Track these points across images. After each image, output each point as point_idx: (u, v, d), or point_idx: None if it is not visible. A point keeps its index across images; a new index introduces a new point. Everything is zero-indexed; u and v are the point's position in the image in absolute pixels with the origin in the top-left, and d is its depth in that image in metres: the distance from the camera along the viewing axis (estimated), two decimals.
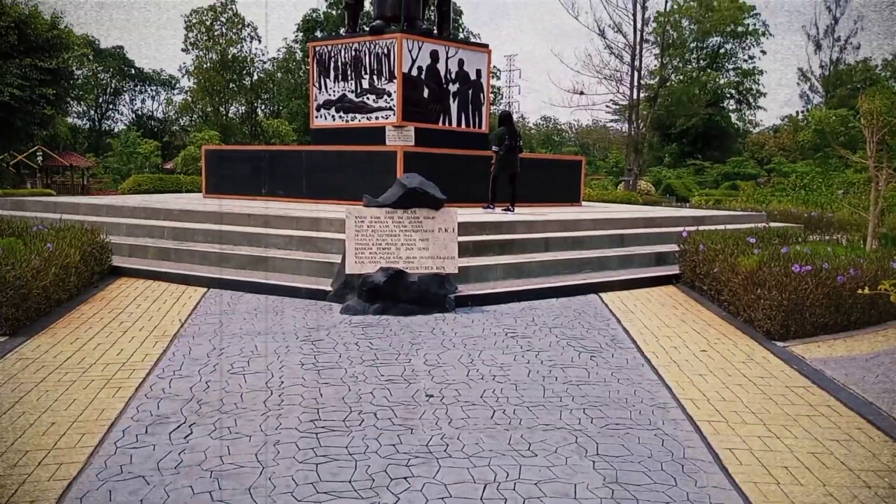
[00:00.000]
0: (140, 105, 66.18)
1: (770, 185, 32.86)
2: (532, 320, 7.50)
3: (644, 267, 10.43)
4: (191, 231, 10.75)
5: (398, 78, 14.34)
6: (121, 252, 10.24)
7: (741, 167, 44.95)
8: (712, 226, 12.37)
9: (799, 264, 7.13)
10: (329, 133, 15.44)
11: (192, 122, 57.13)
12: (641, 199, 24.74)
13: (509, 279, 9.12)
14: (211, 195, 15.58)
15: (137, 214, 12.24)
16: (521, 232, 10.81)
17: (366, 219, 7.91)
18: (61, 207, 13.32)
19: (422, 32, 14.97)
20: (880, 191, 9.66)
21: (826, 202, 19.31)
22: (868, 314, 7.20)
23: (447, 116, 15.32)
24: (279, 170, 14.80)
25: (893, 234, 10.75)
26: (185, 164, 36.52)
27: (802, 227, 13.21)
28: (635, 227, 12.39)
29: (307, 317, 7.49)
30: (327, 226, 10.22)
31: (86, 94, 52.90)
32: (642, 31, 31.00)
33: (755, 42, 53.92)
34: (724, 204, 22.07)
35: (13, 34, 27.57)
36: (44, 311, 7.20)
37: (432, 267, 7.91)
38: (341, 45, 15.35)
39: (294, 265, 9.15)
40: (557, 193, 16.02)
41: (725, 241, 9.06)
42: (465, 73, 15.60)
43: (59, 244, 8.08)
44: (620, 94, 31.92)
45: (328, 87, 15.54)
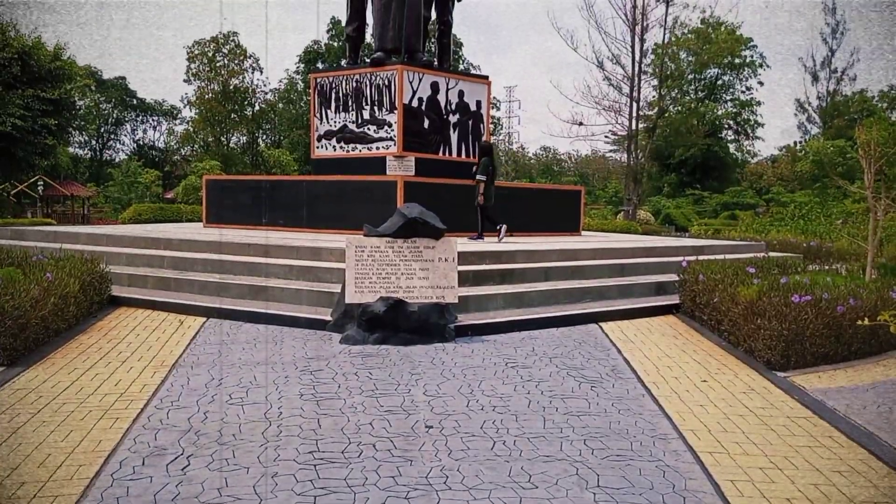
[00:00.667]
0: (141, 135, 66.66)
1: (769, 214, 32.96)
2: (532, 350, 7.48)
3: (644, 296, 10.42)
4: (190, 261, 10.76)
5: (399, 109, 14.47)
6: (120, 282, 10.24)
7: (740, 197, 45.15)
8: (712, 255, 12.38)
9: (799, 294, 7.13)
10: (330, 163, 15.54)
11: (194, 151, 57.50)
12: (641, 229, 24.80)
13: (509, 309, 9.11)
14: (211, 225, 15.62)
15: (137, 244, 12.25)
16: (522, 261, 10.82)
17: (366, 248, 7.93)
18: (61, 237, 13.34)
19: (422, 64, 15.14)
20: (878, 220, 9.70)
21: (825, 232, 19.36)
22: (869, 344, 7.19)
23: (447, 147, 15.43)
24: (280, 199, 14.86)
25: (892, 264, 10.77)
26: (186, 193, 36.68)
27: (802, 257, 13.23)
28: (635, 256, 12.40)
29: (306, 347, 7.47)
30: (327, 255, 10.24)
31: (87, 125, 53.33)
32: (640, 63, 31.36)
33: (752, 74, 54.54)
34: (724, 233, 22.12)
35: (16, 65, 27.89)
36: (42, 340, 7.18)
37: (432, 296, 7.91)
38: (342, 76, 15.52)
39: (294, 295, 9.15)
40: (557, 223, 16.08)
41: (725, 271, 9.07)
42: (465, 104, 15.74)
43: (58, 274, 8.08)
44: (619, 124, 32.19)
45: (329, 118, 15.67)
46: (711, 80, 53.55)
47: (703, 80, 52.76)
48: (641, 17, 30.55)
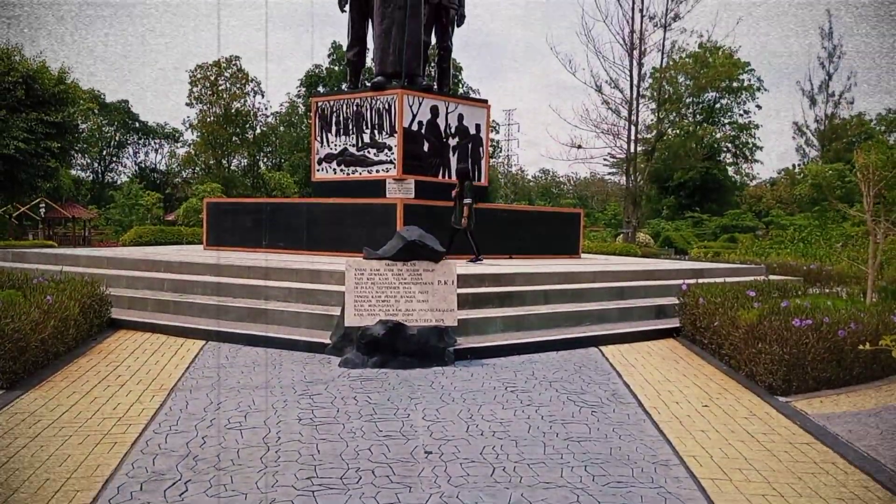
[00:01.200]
0: (143, 158, 67.00)
1: (768, 237, 33.00)
2: (532, 374, 7.45)
3: (644, 320, 10.40)
4: (190, 283, 10.76)
5: (399, 132, 14.56)
6: (120, 304, 10.23)
7: (739, 220, 45.23)
8: (711, 279, 12.38)
9: (799, 318, 7.11)
10: (330, 186, 15.60)
11: (195, 174, 57.75)
12: (640, 251, 24.81)
13: (509, 332, 9.09)
14: (212, 247, 15.64)
15: (138, 266, 12.26)
16: (521, 284, 10.82)
17: (365, 271, 7.93)
18: (62, 259, 13.36)
19: (422, 88, 15.26)
20: (878, 244, 9.71)
21: (825, 255, 19.37)
22: (870, 368, 7.16)
23: (447, 170, 15.50)
24: (280, 222, 14.89)
25: (893, 288, 10.76)
26: (187, 215, 36.78)
27: (802, 280, 13.22)
28: (635, 279, 12.40)
29: (305, 370, 7.44)
30: (327, 278, 10.24)
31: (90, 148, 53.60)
32: (639, 87, 31.60)
33: (750, 97, 54.92)
34: (723, 256, 22.12)
35: (20, 89, 28.09)
36: (42, 363, 7.16)
37: (431, 319, 7.90)
38: (343, 100, 15.63)
39: (293, 318, 9.13)
40: (557, 246, 16.10)
41: (725, 295, 9.06)
42: (464, 127, 15.84)
43: (58, 297, 8.08)
44: (618, 147, 32.35)
45: (330, 141, 15.76)
46: (709, 103, 53.92)
47: (701, 103, 53.13)
48: (639, 42, 30.86)
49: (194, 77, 54.32)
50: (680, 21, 31.29)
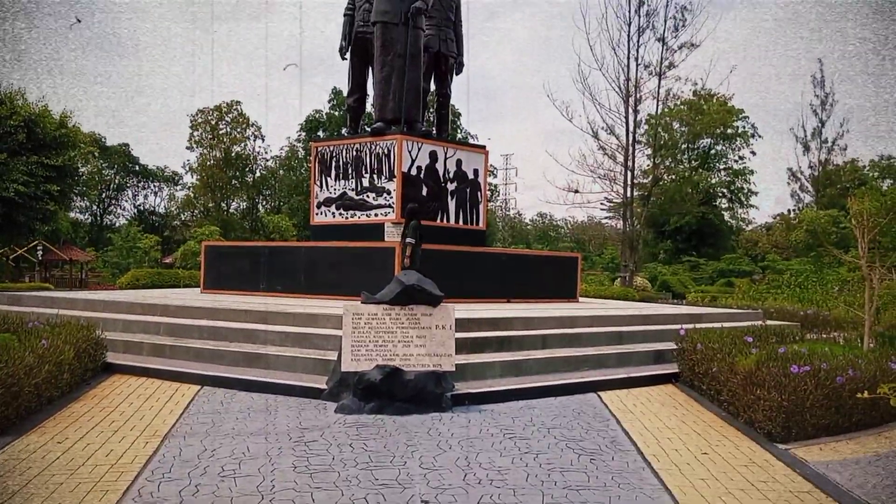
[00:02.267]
0: (142, 200, 67.30)
1: (765, 282, 33.05)
2: (530, 420, 7.39)
3: (643, 365, 10.35)
4: (186, 327, 10.72)
5: (398, 177, 14.68)
6: (115, 348, 10.16)
7: (736, 264, 45.34)
8: (709, 323, 12.36)
9: (797, 365, 7.10)
10: (329, 229, 15.66)
11: (193, 217, 57.96)
12: (638, 296, 24.79)
13: (507, 377, 9.03)
14: (209, 290, 15.62)
15: (134, 310, 12.22)
16: (519, 328, 10.79)
17: (363, 315, 7.92)
18: (58, 303, 13.32)
19: (421, 134, 15.45)
20: (874, 289, 9.73)
21: (821, 300, 19.38)
22: (869, 415, 7.12)
23: (445, 214, 15.59)
24: (278, 266, 14.91)
25: (890, 333, 10.76)
26: (185, 258, 36.78)
27: (799, 326, 13.21)
28: (633, 324, 12.38)
29: (301, 416, 7.37)
30: (324, 322, 10.21)
31: (89, 190, 53.85)
32: (634, 133, 31.94)
33: (745, 143, 55.59)
34: (720, 301, 22.13)
35: (22, 133, 28.32)
36: (34, 408, 7.09)
37: (429, 364, 7.86)
38: (343, 145, 15.80)
39: (289, 362, 9.08)
40: (554, 289, 16.10)
41: (723, 340, 9.05)
42: (463, 172, 15.99)
43: (53, 341, 8.04)
44: (614, 192, 32.58)
45: (329, 185, 15.88)
46: (705, 149, 54.55)
47: (697, 149, 53.74)
48: (635, 90, 31.33)
49: (195, 121, 54.95)
50: (674, 69, 31.84)
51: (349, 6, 16.82)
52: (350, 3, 16.82)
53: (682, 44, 31.24)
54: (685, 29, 31.12)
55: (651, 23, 31.14)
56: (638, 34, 31.10)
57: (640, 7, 30.96)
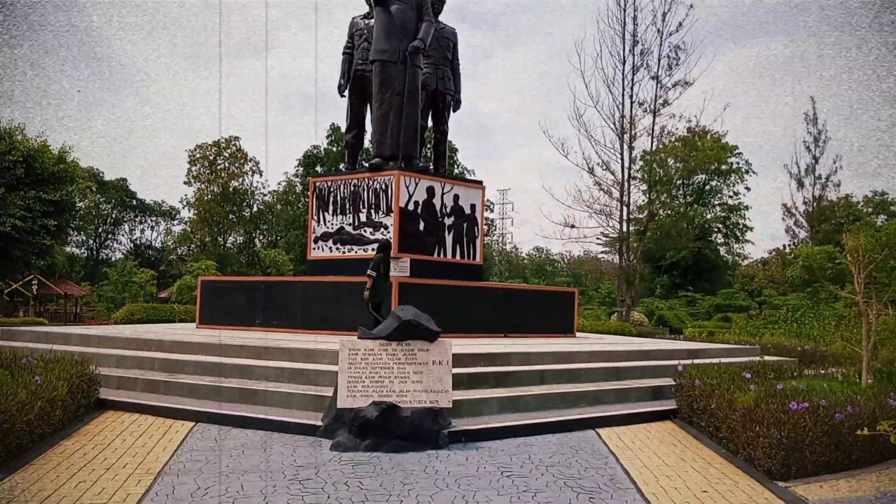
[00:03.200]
0: (139, 235, 67.32)
1: (762, 317, 33.02)
2: (528, 458, 7.31)
3: (641, 401, 10.28)
4: (181, 363, 10.64)
5: (395, 212, 14.74)
6: (109, 384, 10.08)
7: (732, 299, 45.33)
8: (707, 359, 12.32)
9: (796, 401, 7.06)
10: (326, 264, 15.66)
11: (190, 251, 57.93)
12: (635, 331, 24.74)
13: (504, 413, 8.96)
14: (205, 325, 15.55)
15: (128, 345, 12.15)
16: (516, 364, 10.74)
17: (359, 351, 7.88)
18: (52, 338, 13.24)
19: (418, 170, 15.55)
20: (871, 324, 9.73)
21: (818, 335, 19.35)
22: (869, 452, 7.06)
23: (442, 248, 15.63)
24: (274, 300, 14.87)
25: (888, 369, 10.72)
26: (181, 293, 36.67)
27: (797, 361, 13.17)
28: (630, 359, 12.33)
29: (296, 453, 7.29)
30: (321, 357, 10.15)
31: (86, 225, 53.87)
32: (629, 169, 32.20)
33: (739, 179, 56.00)
34: (718, 336, 22.08)
35: (20, 168, 28.43)
36: (26, 445, 6.99)
37: (426, 401, 7.80)
38: (341, 180, 15.89)
39: (285, 398, 9.00)
40: (551, 324, 16.07)
41: (721, 376, 9.01)
42: (460, 207, 16.07)
43: (47, 376, 7.97)
44: (610, 227, 32.72)
45: (327, 220, 15.93)
46: (699, 185, 54.92)
47: (691, 185, 54.09)
48: (629, 127, 31.67)
49: (193, 156, 55.27)
50: (669, 107, 32.21)
51: (348, 45, 17.08)
52: (349, 42, 17.09)
53: (677, 82, 31.68)
54: (679, 67, 31.60)
55: (645, 62, 31.61)
56: (632, 72, 31.56)
57: (635, 46, 31.47)
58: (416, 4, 15.58)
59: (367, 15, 16.97)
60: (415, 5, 15.55)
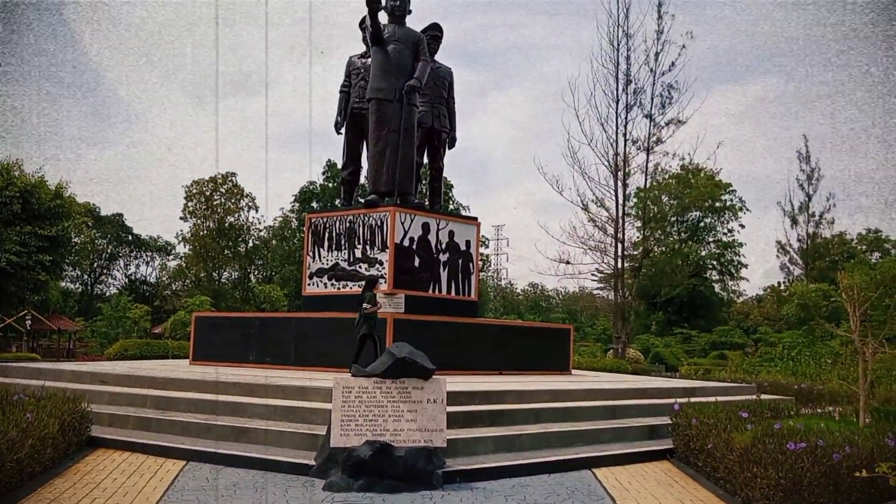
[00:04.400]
0: (134, 270, 67.15)
1: (757, 354, 32.93)
2: (524, 499, 7.22)
3: (637, 440, 10.19)
4: (174, 400, 10.54)
5: (390, 248, 14.77)
6: (101, 421, 9.96)
7: (728, 336, 45.31)
8: (703, 397, 12.25)
9: (794, 441, 7.01)
10: (320, 300, 15.63)
11: (185, 286, 57.76)
12: (631, 368, 24.62)
13: (499, 453, 8.86)
14: (198, 362, 15.44)
15: (121, 382, 12.04)
16: (511, 402, 10.66)
17: (353, 389, 7.82)
18: (45, 374, 13.12)
19: (414, 206, 15.64)
20: (867, 362, 9.72)
21: (815, 373, 19.28)
22: (868, 493, 6.98)
23: (437, 284, 15.62)
24: (268, 337, 14.80)
25: (885, 408, 10.68)
26: (175, 328, 36.48)
27: (793, 400, 13.11)
28: (627, 398, 12.26)
29: (288, 493, 7.18)
30: (314, 395, 10.07)
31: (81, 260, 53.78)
32: (624, 206, 32.35)
33: (733, 216, 56.36)
34: (714, 374, 21.98)
35: (17, 203, 28.49)
36: (15, 485, 6.88)
37: (420, 440, 7.72)
38: (336, 216, 15.95)
39: (277, 437, 8.90)
40: (547, 362, 16.00)
41: (718, 415, 8.95)
42: (455, 243, 16.11)
43: (38, 414, 7.88)
44: (605, 263, 32.74)
45: (322, 256, 15.94)
46: (694, 222, 55.23)
47: (686, 222, 54.41)
48: (623, 164, 31.91)
49: (190, 192, 55.46)
50: (662, 145, 32.50)
51: (345, 83, 17.31)
52: (346, 81, 17.32)
53: (670, 120, 32.02)
54: (672, 106, 31.95)
55: (638, 100, 31.99)
56: (626, 111, 31.91)
57: (628, 85, 31.87)
58: (413, 44, 15.83)
59: (363, 54, 17.22)
60: (411, 45, 15.80)
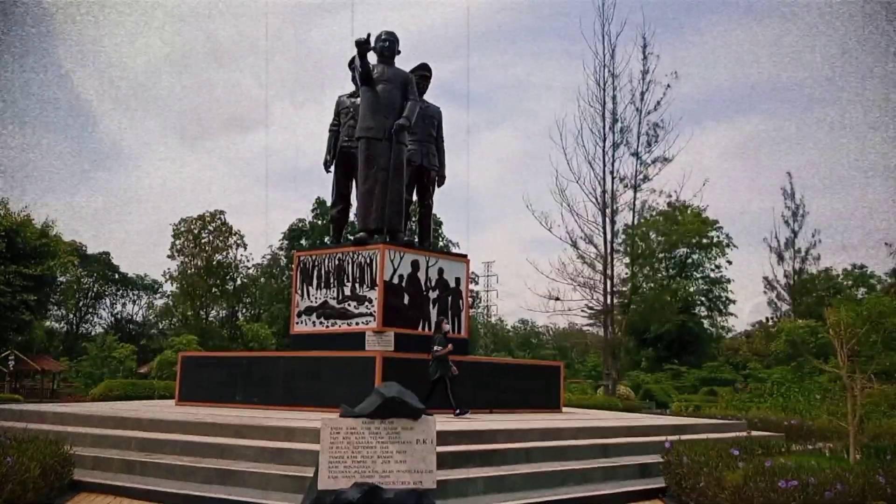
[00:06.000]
0: (120, 308, 66.53)
1: (747, 390, 32.90)
2: None
3: (629, 479, 10.08)
4: (159, 442, 10.36)
5: (380, 285, 14.74)
6: (84, 464, 9.75)
7: (718, 372, 45.27)
8: (694, 435, 12.20)
9: (785, 479, 6.97)
10: (309, 339, 15.52)
11: (171, 325, 57.26)
12: (622, 405, 24.52)
13: (490, 493, 8.74)
14: (184, 403, 15.24)
15: (105, 424, 11.84)
16: (502, 441, 10.55)
17: (342, 430, 7.72)
18: (27, 416, 12.90)
19: (403, 243, 15.66)
20: (856, 398, 9.73)
21: (804, 409, 19.27)
22: None
23: (427, 322, 15.57)
24: (256, 376, 14.65)
25: (875, 444, 10.66)
26: (161, 368, 36.01)
27: (784, 436, 13.07)
28: (618, 436, 12.17)
29: None
30: (302, 436, 9.93)
31: (67, 299, 53.29)
32: (612, 243, 32.58)
33: (720, 253, 56.72)
34: (704, 410, 21.93)
35: (2, 242, 28.32)
36: None
37: (409, 482, 7.61)
38: (325, 254, 15.93)
39: (264, 479, 8.74)
40: (537, 399, 15.90)
41: (709, 453, 8.91)
42: (444, 280, 16.11)
43: (19, 457, 7.73)
44: (595, 299, 32.80)
45: (311, 294, 15.88)
46: (681, 258, 55.54)
47: (674, 258, 54.69)
48: (611, 201, 32.23)
49: (178, 230, 55.31)
50: (649, 182, 32.86)
51: (334, 122, 17.47)
52: (335, 120, 17.49)
53: (656, 158, 32.45)
54: (658, 144, 32.41)
55: (625, 138, 32.45)
56: (613, 149, 32.35)
57: (615, 124, 32.37)
58: (402, 84, 16.03)
59: (352, 94, 17.41)
60: (400, 85, 16.00)
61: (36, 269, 28.94)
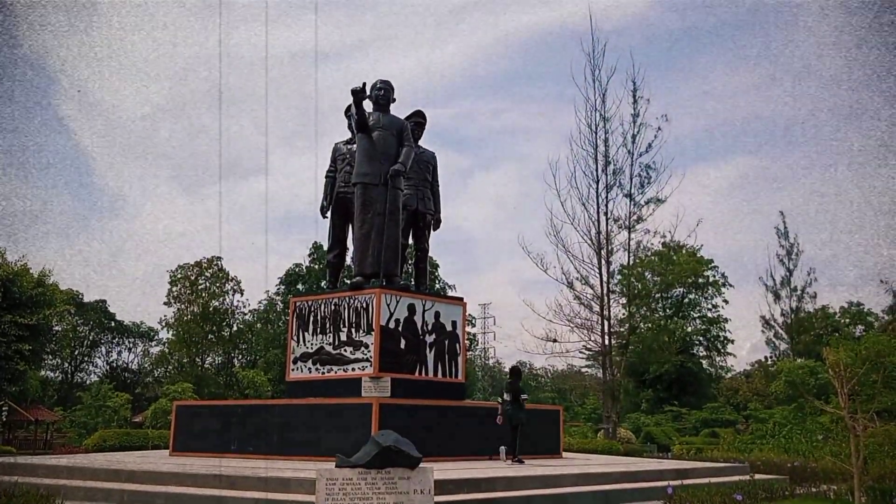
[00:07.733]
0: (115, 356, 65.93)
1: (749, 431, 32.53)
2: None
3: None
4: (152, 494, 10.17)
5: (376, 330, 14.66)
6: None
7: (718, 413, 44.84)
8: (696, 479, 12.02)
9: None
10: (304, 385, 15.37)
11: (167, 373, 56.71)
12: (623, 448, 24.19)
13: None
14: (178, 453, 15.01)
15: (97, 476, 11.63)
16: (502, 490, 10.38)
17: (337, 481, 7.60)
18: (18, 469, 12.67)
19: (399, 287, 15.63)
20: (859, 437, 9.61)
21: (807, 450, 19.03)
22: None
23: (423, 366, 15.44)
24: (251, 425, 14.47)
25: (880, 486, 10.50)
26: (156, 417, 35.56)
27: (787, 479, 12.88)
28: (619, 482, 11.98)
29: None
30: (297, 487, 9.76)
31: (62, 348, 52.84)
32: (608, 283, 32.49)
33: (717, 292, 56.70)
34: (706, 453, 21.63)
35: None
36: None
37: None
38: (321, 300, 15.88)
39: None
40: (537, 444, 15.67)
41: (712, 499, 8.77)
42: (441, 324, 16.03)
43: None
44: (592, 341, 32.59)
45: (306, 340, 15.77)
46: (678, 298, 55.47)
47: (670, 298, 54.63)
48: (606, 242, 32.26)
49: (174, 276, 55.18)
50: (643, 223, 32.94)
51: (331, 168, 17.64)
52: (332, 166, 17.66)
53: (649, 199, 32.56)
54: (651, 185, 32.57)
55: (618, 180, 32.59)
56: (606, 191, 32.46)
57: (607, 166, 32.57)
58: (397, 131, 16.22)
59: (349, 141, 17.59)
60: (395, 131, 16.18)
61: (31, 318, 28.77)
